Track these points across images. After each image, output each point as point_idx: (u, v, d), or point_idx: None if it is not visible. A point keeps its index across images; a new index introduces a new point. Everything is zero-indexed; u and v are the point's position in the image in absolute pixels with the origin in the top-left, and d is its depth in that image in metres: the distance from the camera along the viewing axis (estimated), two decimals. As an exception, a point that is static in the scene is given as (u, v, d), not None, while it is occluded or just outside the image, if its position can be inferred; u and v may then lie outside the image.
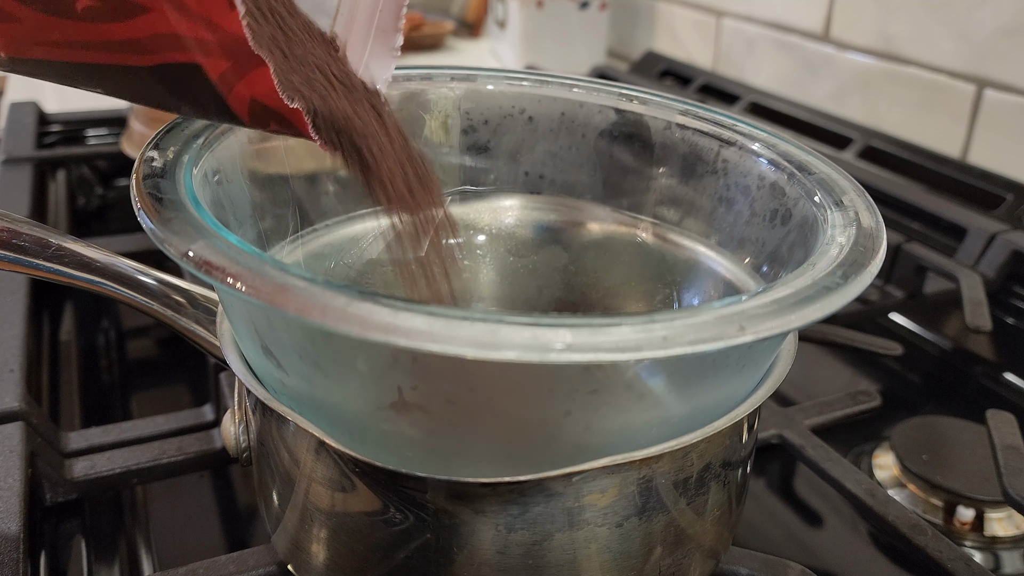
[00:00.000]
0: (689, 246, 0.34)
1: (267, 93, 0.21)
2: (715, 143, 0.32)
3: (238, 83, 0.21)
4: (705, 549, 0.27)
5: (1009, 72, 0.58)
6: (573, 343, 0.18)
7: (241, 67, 0.20)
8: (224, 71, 0.20)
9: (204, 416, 0.38)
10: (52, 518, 0.33)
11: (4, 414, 0.34)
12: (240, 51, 0.20)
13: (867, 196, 0.27)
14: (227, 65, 0.20)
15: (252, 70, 0.20)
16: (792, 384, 0.46)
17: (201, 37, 0.20)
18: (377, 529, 0.24)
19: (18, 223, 0.28)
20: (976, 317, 0.46)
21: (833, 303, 0.21)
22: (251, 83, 0.21)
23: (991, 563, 0.35)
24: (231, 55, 0.20)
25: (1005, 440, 0.34)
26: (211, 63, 0.20)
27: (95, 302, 0.50)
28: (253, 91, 0.21)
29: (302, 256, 0.32)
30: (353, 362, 0.22)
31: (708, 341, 0.19)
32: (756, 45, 0.80)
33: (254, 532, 0.35)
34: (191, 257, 0.20)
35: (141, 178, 0.23)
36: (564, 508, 0.23)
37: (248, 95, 0.21)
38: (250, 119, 0.22)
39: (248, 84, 0.21)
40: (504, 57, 0.99)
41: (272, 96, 0.21)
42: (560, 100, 0.35)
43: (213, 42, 0.20)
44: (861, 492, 0.34)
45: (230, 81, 0.21)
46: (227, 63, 0.20)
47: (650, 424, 0.23)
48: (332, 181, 0.34)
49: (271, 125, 0.22)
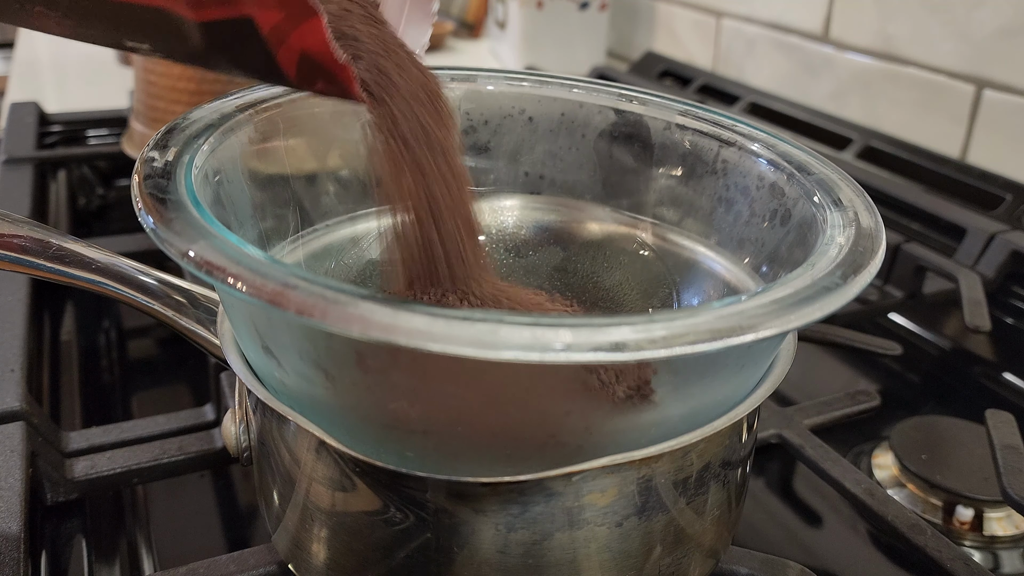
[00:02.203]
0: (689, 246, 0.34)
1: (318, 46, 0.21)
2: (715, 143, 0.32)
3: (290, 35, 0.20)
4: (705, 549, 0.27)
5: (1008, 72, 0.58)
6: (573, 343, 0.18)
7: (294, 18, 0.20)
8: (277, 23, 0.20)
9: (205, 416, 0.38)
10: (53, 518, 0.33)
11: (5, 414, 0.34)
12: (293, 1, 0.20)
13: (866, 196, 0.27)
14: (280, 16, 0.20)
15: (304, 21, 0.20)
16: (792, 384, 0.46)
17: None
18: (377, 529, 0.24)
19: (19, 223, 0.28)
20: (975, 317, 0.46)
21: (832, 303, 0.21)
22: (303, 35, 0.20)
23: (990, 563, 0.35)
24: (284, 5, 0.20)
25: (1004, 440, 0.34)
26: (263, 15, 0.20)
27: (96, 302, 0.50)
28: (304, 43, 0.21)
29: (302, 256, 0.32)
30: (353, 362, 0.22)
31: (708, 341, 0.19)
32: (756, 45, 0.80)
33: (254, 532, 0.35)
34: (192, 257, 0.20)
35: (142, 178, 0.23)
36: (564, 508, 0.23)
37: (299, 48, 0.21)
38: (297, 76, 0.22)
39: (300, 36, 0.20)
40: (504, 57, 0.99)
41: (323, 50, 0.21)
42: (560, 100, 0.35)
43: None
44: (860, 492, 0.34)
45: (282, 33, 0.20)
46: (280, 14, 0.20)
47: (650, 424, 0.23)
48: (332, 181, 0.34)
49: (318, 84, 0.22)
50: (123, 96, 0.81)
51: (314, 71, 0.21)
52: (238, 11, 0.20)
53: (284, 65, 0.21)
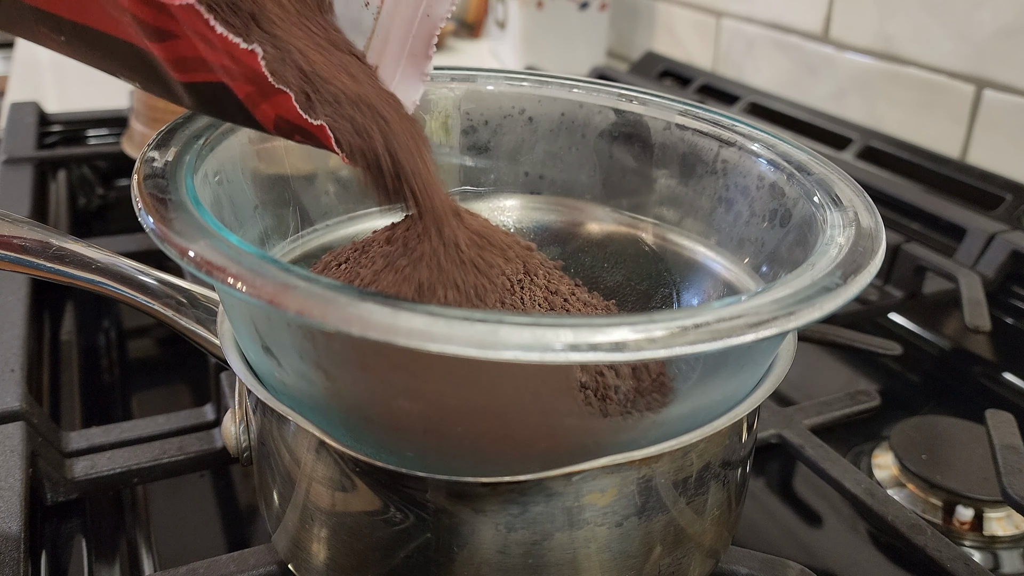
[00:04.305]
0: (689, 246, 0.34)
1: (290, 113, 0.22)
2: (715, 143, 0.32)
3: (262, 103, 0.22)
4: (705, 549, 0.27)
5: (1008, 72, 0.58)
6: (573, 343, 0.18)
7: (263, 92, 0.21)
8: (248, 93, 0.21)
9: (205, 416, 0.38)
10: (53, 518, 0.33)
11: (5, 414, 0.34)
12: (261, 82, 0.21)
13: (866, 196, 0.27)
14: (251, 89, 0.21)
15: (274, 96, 0.21)
16: (791, 384, 0.46)
17: (225, 65, 0.21)
18: (377, 528, 0.24)
19: (19, 223, 0.28)
20: (975, 317, 0.46)
21: (832, 303, 0.21)
22: (275, 104, 0.22)
23: (990, 563, 0.35)
24: (253, 82, 0.21)
25: (1004, 440, 0.34)
26: (236, 85, 0.21)
27: (96, 302, 0.50)
28: (277, 111, 0.22)
29: (302, 256, 0.32)
30: (353, 362, 0.22)
31: (708, 341, 0.19)
32: (756, 45, 0.80)
33: (254, 532, 0.35)
34: (192, 257, 0.20)
35: (142, 178, 0.23)
36: (564, 508, 0.23)
37: (273, 114, 0.22)
38: (276, 131, 0.23)
39: (272, 105, 0.22)
40: (504, 57, 0.99)
41: (295, 116, 0.22)
42: (560, 100, 0.35)
43: (236, 71, 0.21)
44: (860, 492, 0.34)
45: (255, 101, 0.22)
46: (250, 87, 0.21)
47: (650, 424, 0.23)
48: (332, 181, 0.34)
49: (296, 136, 0.23)
50: (123, 96, 0.81)
51: (291, 129, 0.23)
52: (214, 78, 0.21)
53: (263, 122, 0.22)
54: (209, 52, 0.20)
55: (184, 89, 0.22)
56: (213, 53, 0.20)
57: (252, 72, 0.20)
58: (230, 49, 0.20)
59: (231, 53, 0.20)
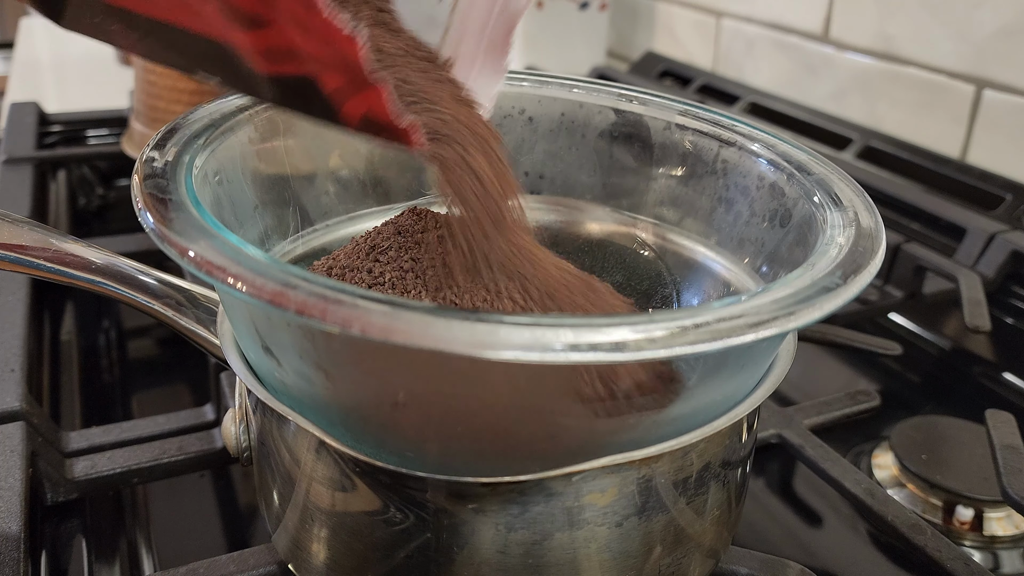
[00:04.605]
0: (689, 246, 0.34)
1: (380, 112, 0.21)
2: (715, 143, 0.32)
3: (352, 97, 0.21)
4: (704, 548, 0.27)
5: (1008, 72, 0.58)
6: (573, 343, 0.18)
7: (356, 85, 0.21)
8: (339, 86, 0.21)
9: (205, 416, 0.38)
10: (53, 518, 0.33)
11: (5, 414, 0.34)
12: (355, 72, 0.20)
13: (866, 196, 0.27)
14: (342, 82, 0.21)
15: (366, 89, 0.21)
16: (791, 384, 0.46)
17: (319, 54, 0.20)
18: (377, 529, 0.24)
19: (19, 223, 0.28)
20: (975, 317, 0.46)
21: (832, 303, 0.21)
22: (365, 100, 0.21)
23: (990, 563, 0.35)
24: (346, 73, 0.20)
25: (1004, 440, 0.34)
26: (327, 78, 0.21)
27: (96, 302, 0.50)
28: (368, 106, 0.21)
29: (302, 256, 0.32)
30: (353, 362, 0.22)
31: (708, 341, 0.19)
32: (756, 45, 0.80)
33: (254, 532, 0.35)
34: (192, 257, 0.20)
35: (142, 178, 0.23)
36: (564, 508, 0.23)
37: (363, 110, 0.21)
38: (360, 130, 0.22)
39: (363, 100, 0.21)
40: (504, 57, 0.99)
41: (385, 116, 0.21)
42: (560, 100, 0.35)
43: (330, 60, 0.20)
44: (860, 492, 0.34)
45: (345, 95, 0.21)
46: (342, 79, 0.20)
47: (650, 424, 0.23)
48: (332, 181, 0.34)
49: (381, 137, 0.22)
50: (123, 96, 0.81)
51: (378, 129, 0.22)
52: (302, 70, 0.21)
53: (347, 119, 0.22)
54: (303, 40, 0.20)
55: (269, 82, 0.22)
56: (308, 41, 0.20)
57: (348, 61, 0.20)
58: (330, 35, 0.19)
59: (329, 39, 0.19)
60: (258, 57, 0.21)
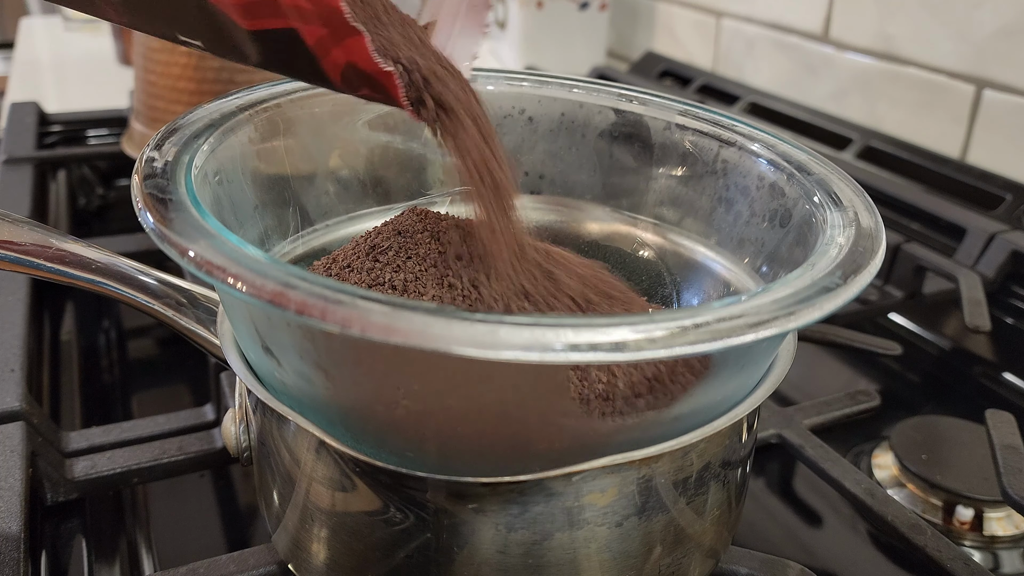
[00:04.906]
0: (689, 246, 0.34)
1: (362, 59, 0.22)
2: (715, 143, 0.32)
3: (333, 49, 0.21)
4: (704, 548, 0.27)
5: (1008, 72, 0.58)
6: (573, 343, 0.18)
7: (337, 35, 0.21)
8: (320, 37, 0.21)
9: (205, 416, 0.38)
10: (53, 518, 0.33)
11: (5, 414, 0.34)
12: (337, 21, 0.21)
13: (866, 196, 0.27)
14: (324, 32, 0.21)
15: (347, 38, 0.21)
16: (791, 384, 0.46)
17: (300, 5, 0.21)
18: (377, 529, 0.24)
19: (19, 223, 0.28)
20: (975, 317, 0.46)
21: (832, 303, 0.21)
22: (347, 49, 0.21)
23: (990, 563, 0.35)
24: (328, 23, 0.21)
25: (1004, 440, 0.34)
26: (308, 29, 0.21)
27: (96, 302, 0.50)
28: (348, 56, 0.22)
29: (302, 256, 0.32)
30: (353, 362, 0.22)
31: (708, 341, 0.19)
32: (756, 45, 0.80)
33: (254, 532, 0.35)
34: (192, 257, 0.20)
35: (142, 178, 0.23)
36: (564, 508, 0.23)
37: (343, 60, 0.22)
38: (342, 83, 0.23)
39: (344, 50, 0.21)
40: (504, 57, 0.99)
41: (367, 61, 0.22)
42: (560, 100, 0.35)
43: (311, 11, 0.21)
44: (860, 492, 0.34)
45: (326, 46, 0.21)
46: (324, 30, 0.21)
47: (650, 424, 0.23)
48: (332, 181, 0.34)
49: (362, 90, 0.23)
50: (123, 96, 0.81)
51: (359, 79, 0.22)
52: (284, 23, 0.21)
53: (329, 72, 0.22)
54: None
55: (251, 39, 0.22)
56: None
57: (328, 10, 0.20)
58: None
59: None
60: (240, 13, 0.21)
